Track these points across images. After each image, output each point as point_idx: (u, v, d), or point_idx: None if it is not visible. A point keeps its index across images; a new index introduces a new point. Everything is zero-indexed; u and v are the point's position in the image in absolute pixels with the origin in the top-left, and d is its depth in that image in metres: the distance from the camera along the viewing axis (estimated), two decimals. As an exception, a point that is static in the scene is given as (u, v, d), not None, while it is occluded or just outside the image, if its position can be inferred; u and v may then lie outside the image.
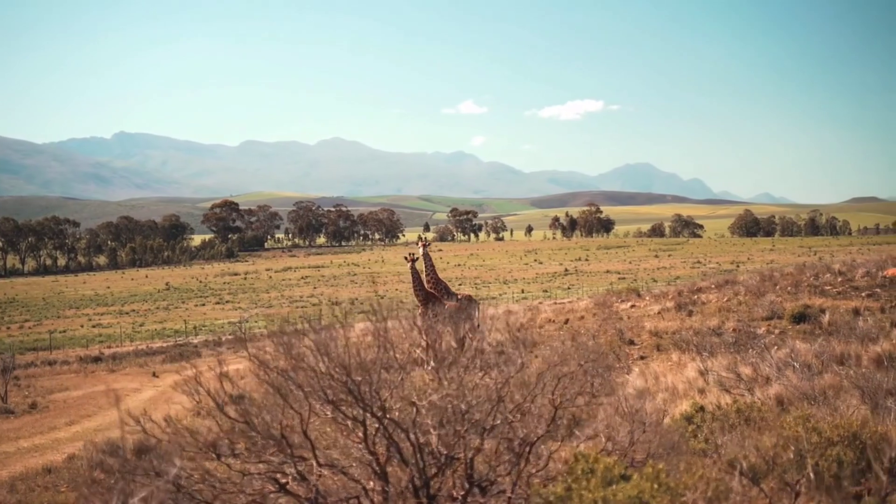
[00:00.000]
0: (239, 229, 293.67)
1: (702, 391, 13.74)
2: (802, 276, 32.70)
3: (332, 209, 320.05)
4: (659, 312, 30.74)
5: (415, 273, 24.39)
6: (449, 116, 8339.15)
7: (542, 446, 5.56)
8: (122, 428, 5.68)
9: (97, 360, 45.03)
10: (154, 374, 35.17)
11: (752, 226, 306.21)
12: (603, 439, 5.87)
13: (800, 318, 23.52)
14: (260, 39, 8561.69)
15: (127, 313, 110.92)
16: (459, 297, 25.00)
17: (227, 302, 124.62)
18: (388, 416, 5.11)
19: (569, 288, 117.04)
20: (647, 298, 41.40)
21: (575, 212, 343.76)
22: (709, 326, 23.97)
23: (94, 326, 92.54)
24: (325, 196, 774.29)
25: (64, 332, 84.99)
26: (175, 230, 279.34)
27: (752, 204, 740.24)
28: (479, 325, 24.32)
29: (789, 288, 30.37)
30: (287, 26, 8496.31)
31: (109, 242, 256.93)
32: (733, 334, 22.29)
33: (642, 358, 21.50)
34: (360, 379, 5.09)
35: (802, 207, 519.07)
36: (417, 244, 25.69)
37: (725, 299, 30.96)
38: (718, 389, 13.50)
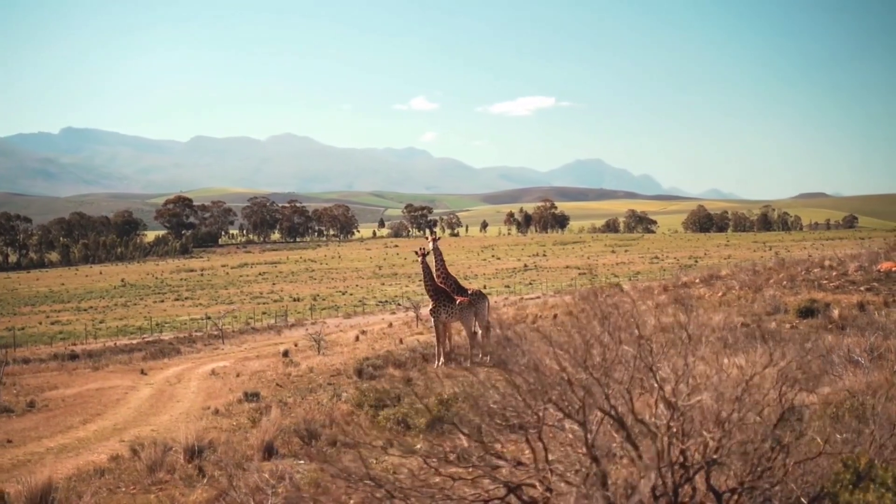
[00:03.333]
0: (193, 225, 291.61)
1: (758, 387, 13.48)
2: (796, 271, 32.86)
3: (287, 205, 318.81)
4: (656, 307, 30.56)
5: (426, 268, 24.03)
6: (400, 112, 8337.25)
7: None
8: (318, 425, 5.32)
9: (74, 357, 44.07)
10: (143, 372, 34.50)
11: (705, 221, 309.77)
12: (818, 440, 5.55)
13: (806, 312, 23.46)
14: (210, 34, 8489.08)
15: (85, 310, 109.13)
16: (470, 291, 24.71)
17: (186, 298, 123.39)
18: (637, 417, 4.78)
19: (531, 283, 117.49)
20: (633, 294, 41.46)
21: (529, 207, 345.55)
22: (718, 322, 23.82)
23: (52, 324, 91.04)
24: (277, 192, 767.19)
25: (22, 329, 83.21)
26: (128, 226, 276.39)
27: (702, 200, 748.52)
28: (488, 322, 24.09)
29: (785, 282, 30.47)
30: (237, 21, 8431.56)
31: (62, 239, 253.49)
32: (744, 329, 22.16)
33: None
34: (602, 377, 4.76)
35: (752, 203, 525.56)
36: (427, 238, 25.21)
37: (720, 294, 30.96)
38: (780, 385, 13.23)
